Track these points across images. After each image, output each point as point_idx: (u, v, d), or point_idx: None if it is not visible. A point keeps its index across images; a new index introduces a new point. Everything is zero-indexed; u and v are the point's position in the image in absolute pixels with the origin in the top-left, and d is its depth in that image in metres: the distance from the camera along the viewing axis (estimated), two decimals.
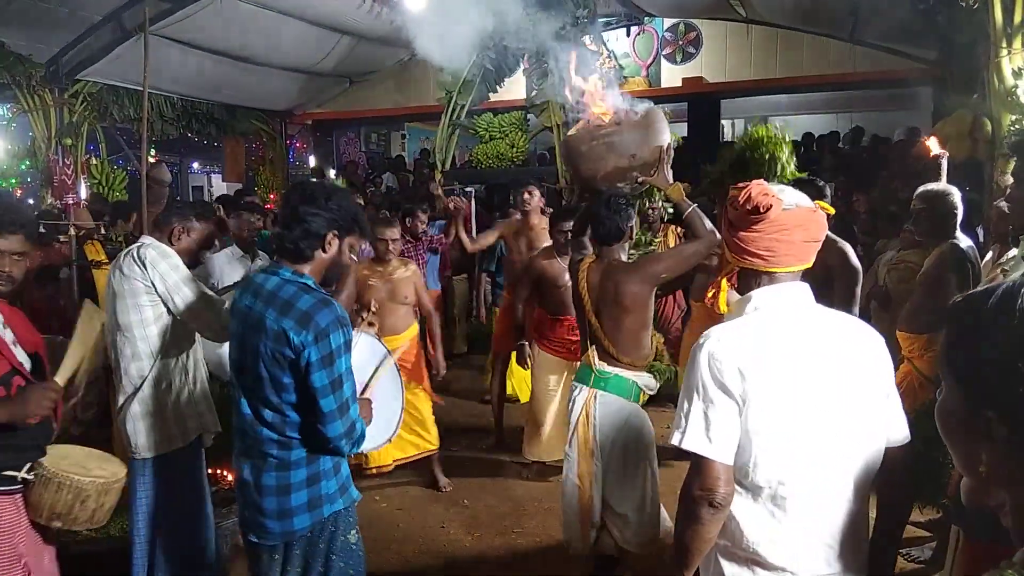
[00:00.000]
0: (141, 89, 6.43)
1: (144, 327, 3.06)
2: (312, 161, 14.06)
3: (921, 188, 4.02)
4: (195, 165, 19.29)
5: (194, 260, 3.30)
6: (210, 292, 3.22)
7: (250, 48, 10.06)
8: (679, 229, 5.96)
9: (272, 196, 11.86)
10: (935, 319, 3.85)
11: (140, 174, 5.62)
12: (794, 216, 1.75)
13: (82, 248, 5.59)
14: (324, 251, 2.38)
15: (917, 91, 9.83)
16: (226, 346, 2.67)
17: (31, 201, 9.97)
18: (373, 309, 3.29)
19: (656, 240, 6.12)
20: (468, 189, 10.17)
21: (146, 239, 3.19)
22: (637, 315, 3.36)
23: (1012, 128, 5.49)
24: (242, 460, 2.43)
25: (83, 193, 9.08)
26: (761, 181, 1.79)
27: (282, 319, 2.24)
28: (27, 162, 9.59)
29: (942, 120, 7.39)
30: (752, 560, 1.73)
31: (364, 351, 2.89)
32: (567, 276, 4.86)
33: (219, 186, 16.93)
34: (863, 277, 5.30)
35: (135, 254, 3.07)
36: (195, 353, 3.26)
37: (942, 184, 4.12)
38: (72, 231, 5.73)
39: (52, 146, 9.22)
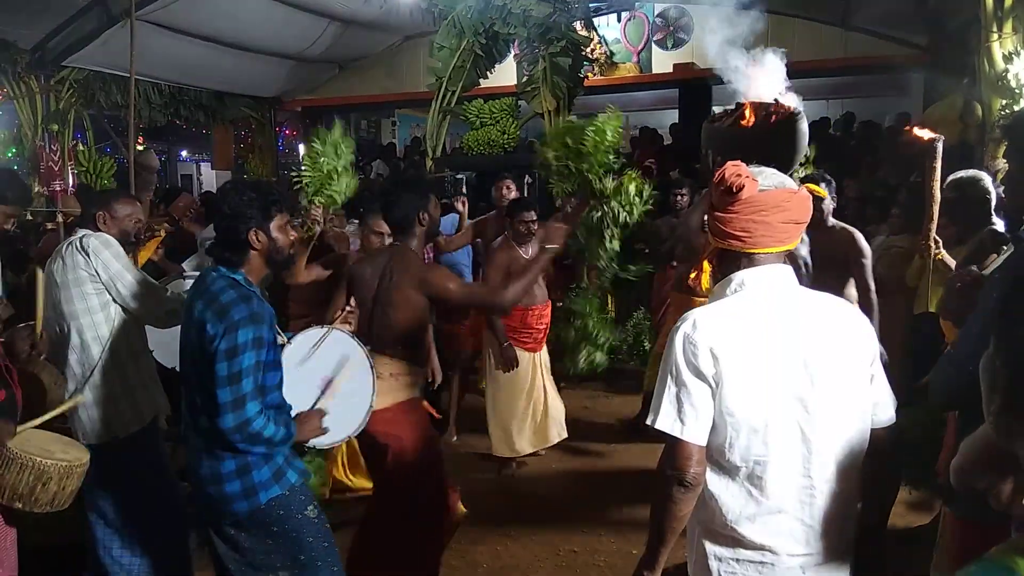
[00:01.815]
0: (128, 75, 6.37)
1: (91, 315, 3.09)
2: (302, 149, 13.98)
3: (952, 176, 3.93)
4: (184, 153, 19.16)
5: (127, 240, 3.32)
6: (152, 280, 3.26)
7: (238, 33, 9.97)
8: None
9: None
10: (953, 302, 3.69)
11: (127, 162, 5.58)
12: (771, 197, 1.74)
13: (70, 235, 5.55)
14: (254, 248, 2.44)
15: (908, 76, 9.83)
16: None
17: None
18: (351, 308, 3.24)
19: None
20: (459, 176, 10.15)
21: (85, 229, 3.20)
22: None
23: (1002, 112, 5.50)
24: (188, 450, 2.53)
25: (70, 180, 9.05)
26: (738, 162, 1.78)
27: (205, 311, 2.35)
28: (13, 149, 9.51)
29: (933, 105, 7.40)
30: (733, 539, 1.75)
31: (334, 348, 2.85)
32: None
33: (208, 174, 16.82)
34: None
35: (77, 244, 3.09)
36: (142, 338, 3.30)
37: (976, 171, 4.04)
38: (60, 218, 5.70)
39: (39, 133, 9.15)
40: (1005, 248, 3.61)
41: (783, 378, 1.68)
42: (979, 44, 5.69)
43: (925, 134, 4.13)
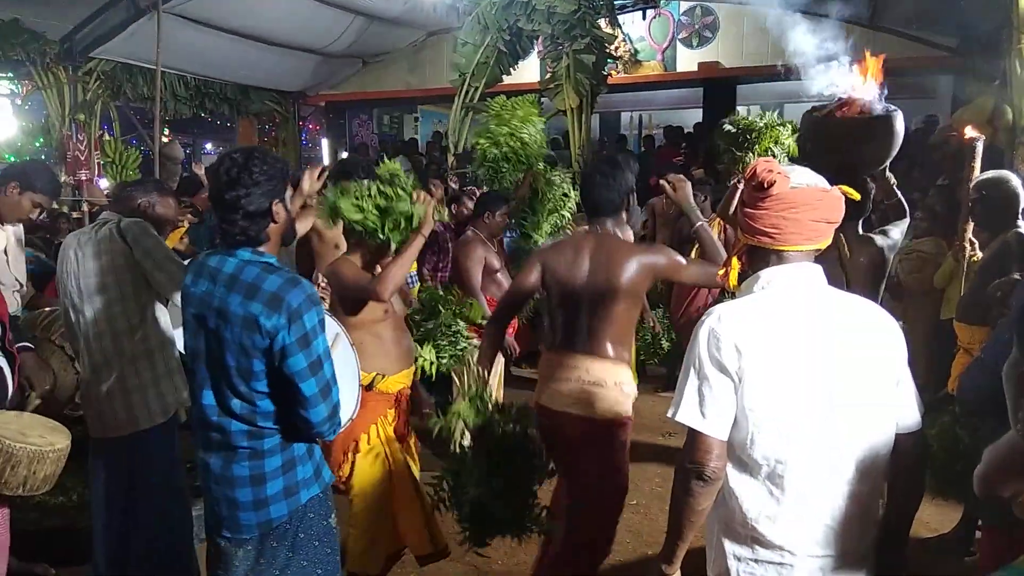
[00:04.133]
0: (154, 67, 6.44)
1: (124, 303, 3.00)
2: (325, 143, 14.07)
3: (980, 176, 3.88)
4: (208, 145, 19.32)
5: (163, 232, 3.24)
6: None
7: (264, 27, 10.05)
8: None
9: None
10: (997, 309, 3.57)
11: (153, 153, 5.64)
12: (802, 195, 1.74)
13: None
14: (275, 222, 2.21)
15: (937, 79, 9.72)
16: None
17: None
18: (322, 283, 3.10)
19: None
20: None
21: (109, 214, 3.12)
22: None
23: None
24: (206, 453, 2.26)
25: (96, 170, 9.16)
26: (769, 158, 1.78)
27: (249, 303, 2.07)
28: (41, 139, 9.64)
29: (962, 107, 7.30)
30: (752, 538, 1.74)
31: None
32: (499, 262, 4.77)
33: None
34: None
35: (115, 230, 3.00)
36: (168, 327, 3.22)
37: (1002, 171, 3.96)
38: (85, 207, 5.77)
39: (66, 123, 9.26)
40: None
41: (807, 377, 1.67)
42: (1010, 46, 5.61)
43: (966, 132, 4.03)
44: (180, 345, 3.52)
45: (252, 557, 2.25)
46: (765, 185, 1.73)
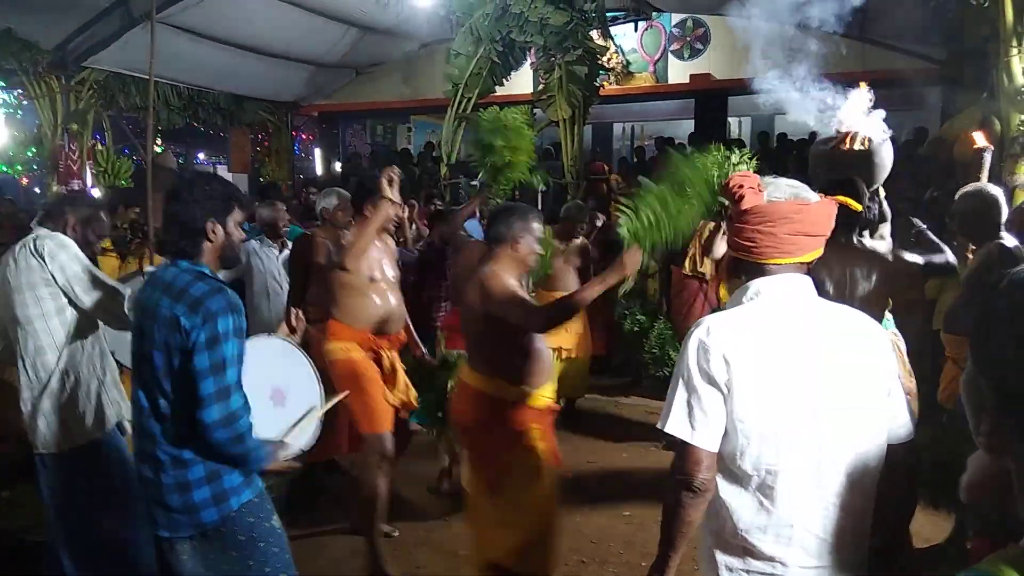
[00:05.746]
0: (147, 77, 6.42)
1: (46, 320, 3.00)
2: (318, 153, 14.07)
3: (962, 188, 3.93)
4: (201, 156, 19.32)
5: (91, 251, 3.22)
6: (111, 281, 3.15)
7: (257, 38, 10.06)
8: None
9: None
10: None
11: (145, 163, 5.62)
12: (778, 209, 1.75)
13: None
14: (210, 240, 2.35)
15: (926, 91, 9.78)
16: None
17: (37, 189, 10.02)
18: (296, 320, 3.02)
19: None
20: (473, 183, 10.15)
21: (41, 230, 3.11)
22: None
23: (1021, 127, 5.46)
24: (141, 460, 2.37)
25: (89, 180, 9.14)
26: (747, 172, 1.81)
27: (175, 305, 2.22)
28: (33, 149, 9.63)
29: (951, 119, 7.36)
30: (743, 549, 1.74)
31: (281, 357, 2.77)
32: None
33: (224, 177, 17.00)
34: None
35: (31, 246, 3.00)
36: (100, 341, 3.20)
37: (983, 183, 4.01)
38: None
39: (58, 133, 9.25)
40: None
41: (796, 387, 1.67)
42: (998, 59, 5.65)
43: (979, 139, 4.07)
44: (123, 357, 3.39)
45: (197, 553, 2.35)
46: (735, 199, 1.76)
